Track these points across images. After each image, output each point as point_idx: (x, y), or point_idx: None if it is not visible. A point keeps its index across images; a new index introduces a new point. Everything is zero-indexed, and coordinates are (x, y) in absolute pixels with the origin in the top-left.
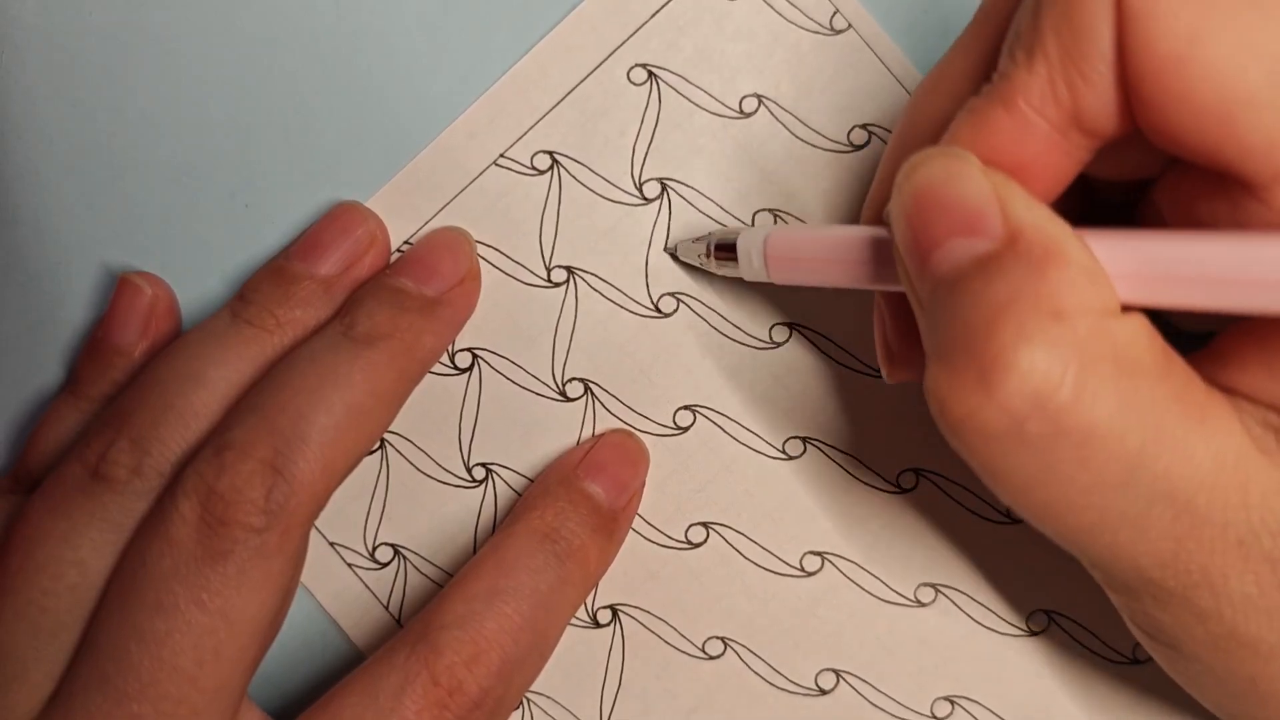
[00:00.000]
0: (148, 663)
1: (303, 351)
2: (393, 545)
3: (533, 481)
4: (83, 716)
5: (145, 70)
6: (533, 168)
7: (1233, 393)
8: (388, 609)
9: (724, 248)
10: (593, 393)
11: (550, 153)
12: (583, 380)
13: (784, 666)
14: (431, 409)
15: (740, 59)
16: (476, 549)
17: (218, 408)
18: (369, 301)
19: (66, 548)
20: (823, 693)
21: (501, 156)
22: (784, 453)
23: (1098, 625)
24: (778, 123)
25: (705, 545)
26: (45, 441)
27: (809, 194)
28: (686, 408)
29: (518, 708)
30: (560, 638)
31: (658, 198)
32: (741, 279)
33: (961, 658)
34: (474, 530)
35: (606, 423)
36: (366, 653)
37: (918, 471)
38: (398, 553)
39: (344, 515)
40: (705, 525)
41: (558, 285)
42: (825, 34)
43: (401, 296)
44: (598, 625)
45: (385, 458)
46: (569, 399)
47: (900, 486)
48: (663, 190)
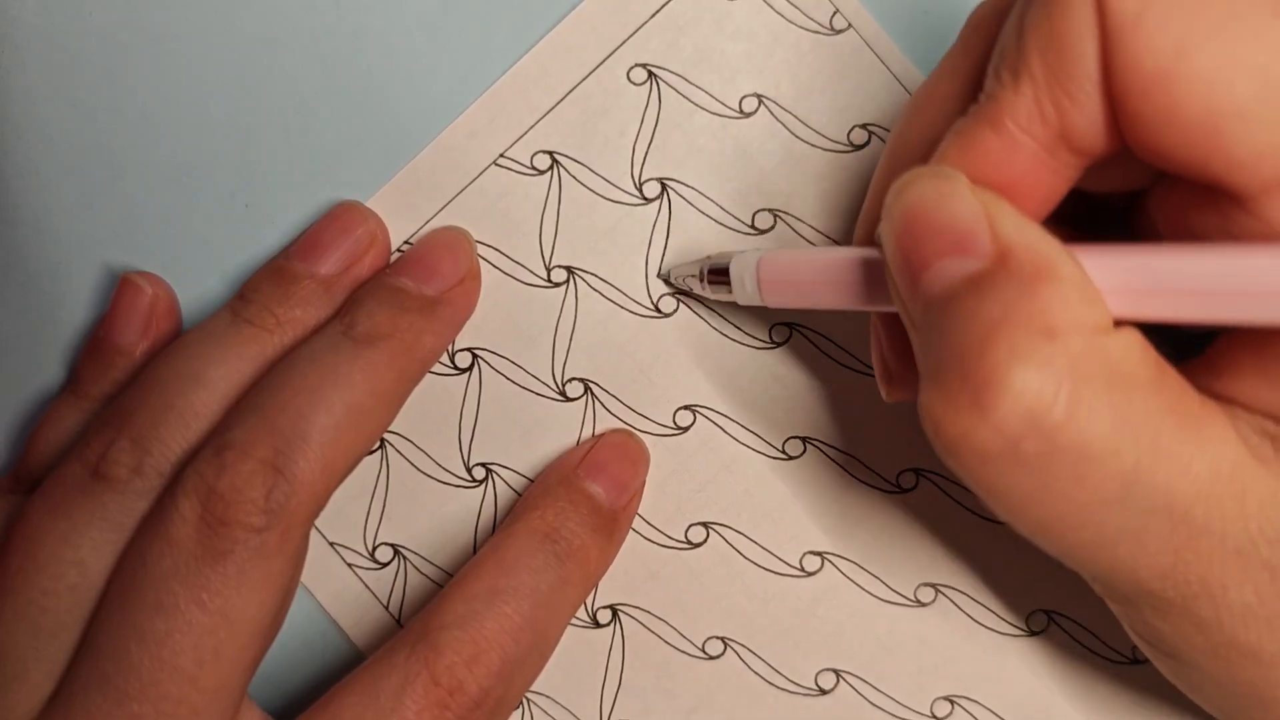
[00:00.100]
0: (148, 662)
1: (303, 351)
2: (393, 545)
3: (533, 481)
4: (83, 716)
5: (145, 70)
6: (533, 168)
7: (1228, 401)
8: (388, 609)
9: (717, 272)
10: (593, 393)
11: (550, 152)
12: (583, 380)
13: (784, 666)
14: (431, 409)
15: (740, 59)
16: (476, 549)
17: (218, 407)
18: (369, 301)
19: (67, 547)
20: (823, 693)
21: (501, 156)
22: (784, 453)
23: (1098, 625)
24: (778, 123)
25: (705, 545)
26: (45, 441)
27: (809, 194)
28: (686, 408)
29: (518, 707)
30: (560, 638)
31: (658, 197)
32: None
33: (961, 658)
34: (474, 530)
35: (606, 423)
36: (366, 653)
37: (918, 471)
38: (398, 553)
39: (344, 515)
40: (705, 525)
41: (558, 285)
42: (825, 34)
43: (401, 296)
44: (598, 625)
45: (385, 458)
46: (569, 399)
47: (900, 486)
48: (663, 190)
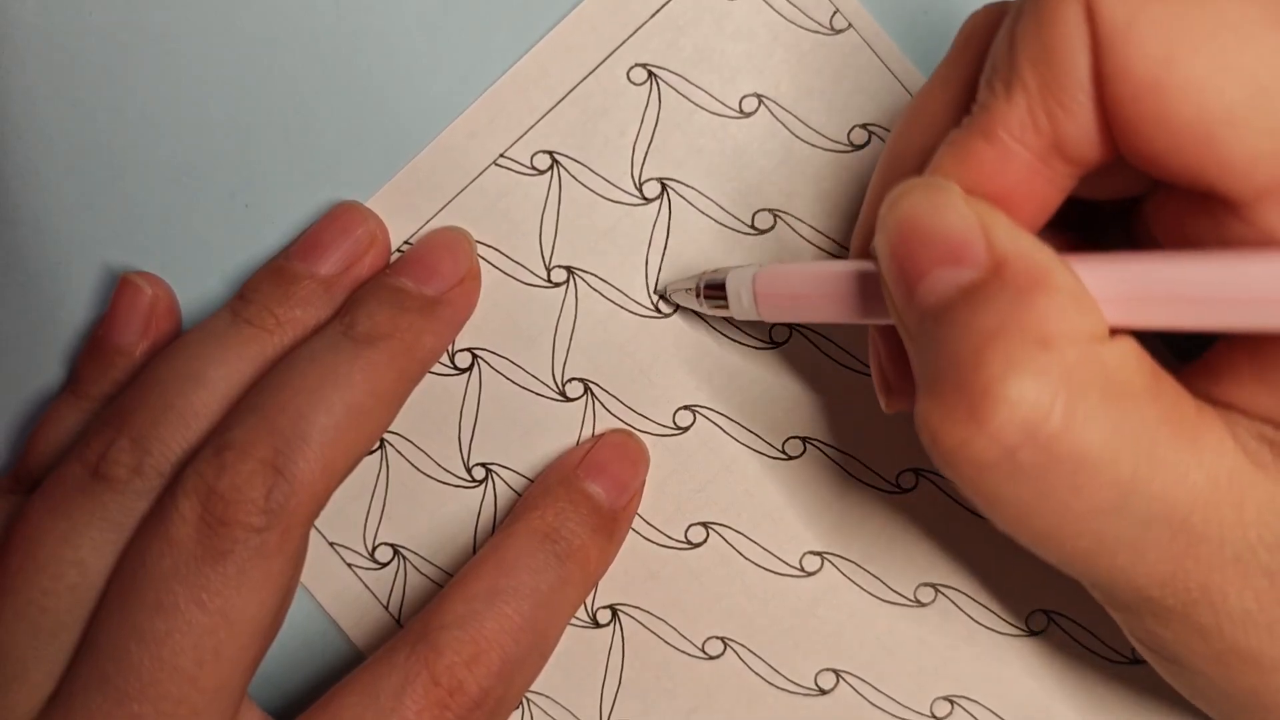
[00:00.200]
0: (148, 662)
1: (303, 351)
2: (392, 545)
3: (533, 481)
4: (83, 716)
5: (145, 70)
6: (533, 167)
7: (1226, 407)
8: (387, 609)
9: (713, 287)
10: (593, 393)
11: (550, 152)
12: (583, 380)
13: (784, 666)
14: (431, 409)
15: (740, 59)
16: (476, 549)
17: (218, 407)
18: (369, 301)
19: (67, 547)
20: (823, 693)
21: (501, 156)
22: (784, 453)
23: (1098, 625)
24: (778, 122)
25: (705, 545)
26: (45, 441)
27: (809, 194)
28: (686, 408)
29: (518, 707)
30: (560, 637)
31: (658, 197)
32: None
33: (961, 658)
34: (474, 530)
35: (606, 423)
36: (366, 653)
37: (918, 471)
38: (397, 553)
39: (344, 515)
40: (705, 525)
41: (558, 285)
42: (825, 33)
43: (401, 296)
44: (598, 625)
45: (385, 458)
46: (569, 399)
47: (900, 486)
48: (663, 190)
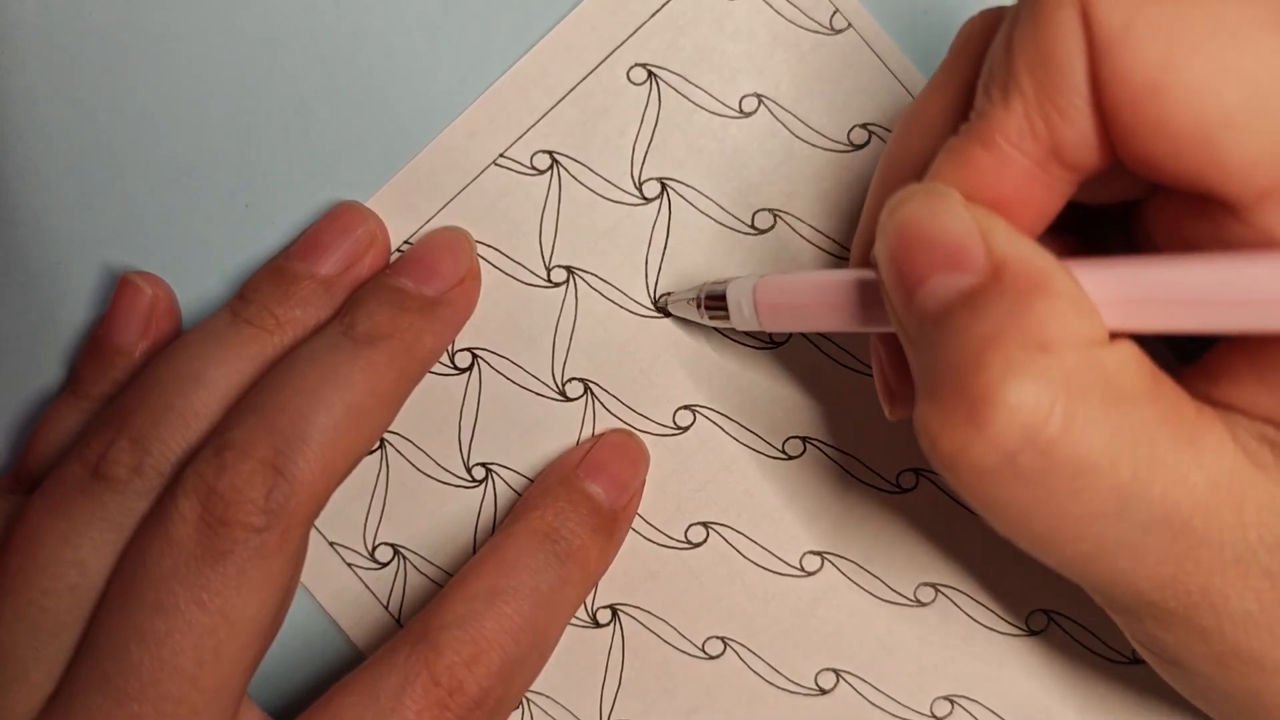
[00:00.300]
0: (148, 663)
1: (303, 351)
2: (392, 545)
3: (533, 481)
4: (83, 716)
5: (145, 70)
6: (532, 167)
7: (1226, 408)
8: (387, 609)
9: (714, 298)
10: (593, 393)
11: (550, 152)
12: (583, 380)
13: (784, 666)
14: (431, 409)
15: (740, 58)
16: (476, 549)
17: (218, 407)
18: (369, 301)
19: (67, 547)
20: (823, 692)
21: (501, 156)
22: (784, 453)
23: (1098, 625)
24: (778, 122)
25: (705, 545)
26: (45, 441)
27: (809, 194)
28: (686, 408)
29: (517, 707)
30: (560, 637)
31: (658, 197)
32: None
33: (961, 658)
34: (474, 530)
35: (606, 423)
36: (366, 653)
37: (917, 471)
38: (397, 553)
39: (344, 515)
40: (705, 525)
41: (557, 285)
42: (825, 33)
43: (401, 296)
44: (598, 625)
45: (385, 458)
46: (569, 399)
47: (900, 486)
48: (663, 190)
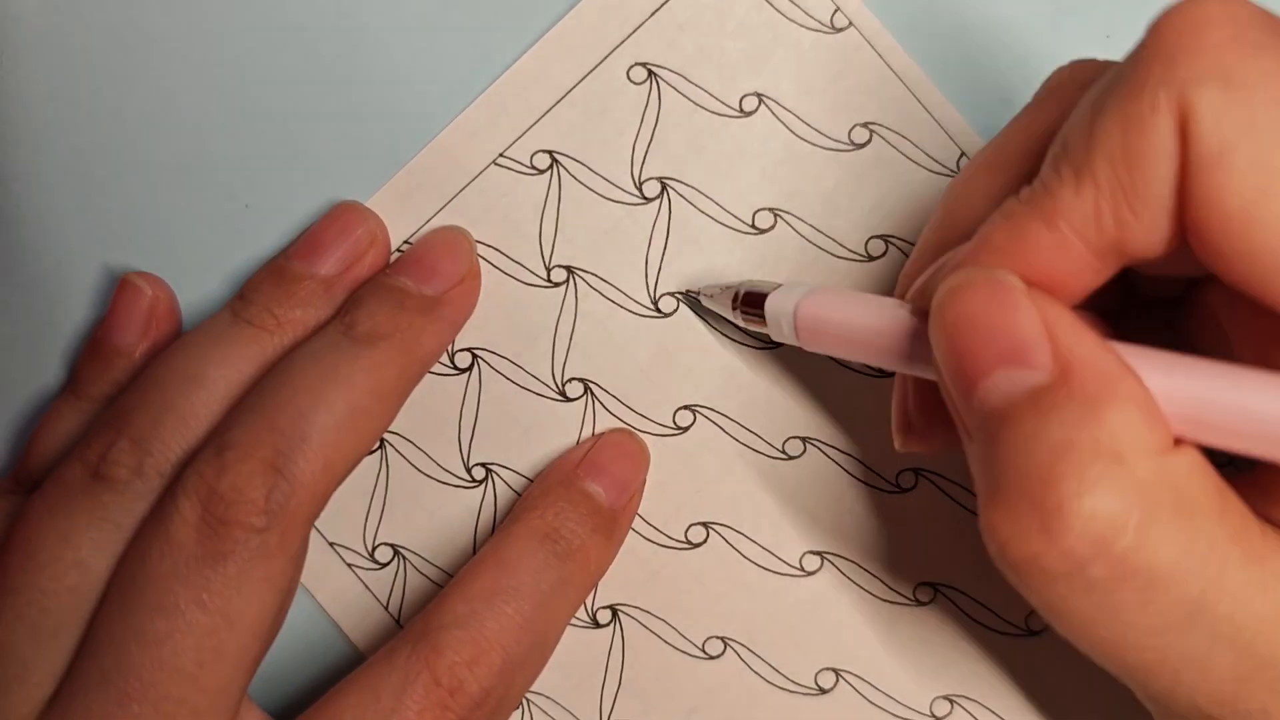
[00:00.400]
0: (148, 663)
1: (303, 351)
2: (392, 545)
3: (533, 481)
4: (83, 717)
5: (145, 70)
6: (532, 167)
7: None
8: (387, 609)
9: (751, 302)
10: (592, 393)
11: (550, 152)
12: (583, 380)
13: (784, 666)
14: (431, 409)
15: (740, 57)
16: (476, 549)
17: (218, 408)
18: (369, 301)
19: (67, 548)
20: (823, 692)
21: (501, 156)
22: (784, 453)
23: None
24: (778, 121)
25: (705, 545)
26: (46, 442)
27: (809, 193)
28: (686, 408)
29: (518, 707)
30: (560, 637)
31: (658, 197)
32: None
33: (961, 657)
34: (474, 530)
35: (606, 423)
36: (366, 653)
37: (917, 471)
38: (397, 553)
39: (344, 515)
40: (705, 525)
41: (557, 285)
42: (826, 32)
43: (402, 296)
44: (598, 625)
45: (385, 458)
46: (569, 399)
47: (900, 486)
48: (663, 189)
